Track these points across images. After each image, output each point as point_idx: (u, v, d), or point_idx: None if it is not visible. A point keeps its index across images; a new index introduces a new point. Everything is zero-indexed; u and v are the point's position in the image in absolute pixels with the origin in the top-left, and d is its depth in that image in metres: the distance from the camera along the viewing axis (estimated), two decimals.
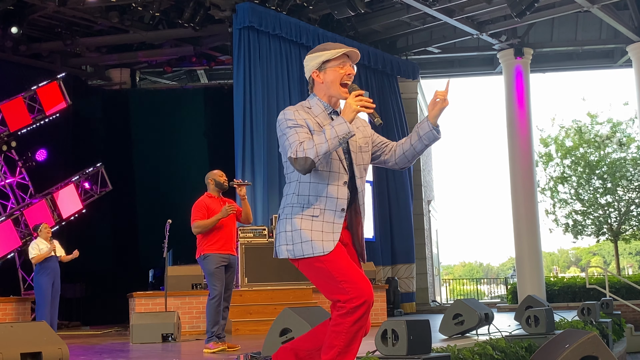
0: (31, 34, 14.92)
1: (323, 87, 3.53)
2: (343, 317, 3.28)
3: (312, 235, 3.35)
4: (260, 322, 9.74)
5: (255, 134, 12.56)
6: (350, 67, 3.52)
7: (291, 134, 3.35)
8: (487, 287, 33.64)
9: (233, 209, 7.00)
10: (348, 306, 3.26)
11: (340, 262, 3.32)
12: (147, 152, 16.21)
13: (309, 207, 3.38)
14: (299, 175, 3.40)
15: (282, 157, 3.52)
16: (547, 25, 16.77)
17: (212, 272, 6.95)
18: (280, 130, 3.43)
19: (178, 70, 18.40)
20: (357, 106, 3.32)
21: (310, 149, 3.24)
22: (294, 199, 3.42)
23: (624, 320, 12.06)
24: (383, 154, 3.66)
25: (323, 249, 3.33)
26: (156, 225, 10.36)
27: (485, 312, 7.68)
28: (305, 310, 5.38)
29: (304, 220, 3.37)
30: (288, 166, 3.47)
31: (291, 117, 3.41)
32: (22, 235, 13.38)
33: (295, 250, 3.39)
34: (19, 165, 14.11)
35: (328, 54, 3.51)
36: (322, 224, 3.36)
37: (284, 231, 3.44)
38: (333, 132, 3.26)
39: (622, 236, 20.66)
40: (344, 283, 3.28)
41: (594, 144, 20.73)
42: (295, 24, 13.51)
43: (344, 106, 3.36)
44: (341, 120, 3.29)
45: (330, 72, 3.50)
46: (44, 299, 10.12)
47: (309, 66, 3.57)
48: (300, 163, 3.26)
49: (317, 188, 3.39)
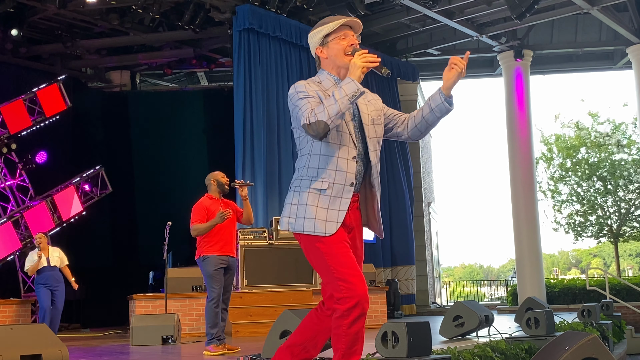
0: (31, 36, 14.93)
1: (329, 61, 3.54)
2: (340, 320, 3.28)
3: (317, 212, 3.33)
4: (260, 324, 9.74)
5: (255, 135, 12.56)
6: (352, 37, 3.52)
7: (303, 103, 3.35)
8: (487, 289, 33.64)
9: (229, 213, 6.98)
10: (342, 308, 3.26)
11: (338, 254, 3.30)
12: (147, 154, 16.21)
13: (318, 180, 3.37)
14: (311, 148, 3.41)
15: (294, 133, 3.53)
16: (547, 27, 16.78)
17: (210, 274, 6.95)
18: (292, 103, 3.43)
19: (178, 73, 18.41)
20: (362, 63, 3.31)
21: (322, 112, 3.24)
22: (304, 172, 3.42)
23: (624, 322, 12.05)
24: (395, 126, 3.65)
25: (325, 230, 3.32)
26: (156, 227, 10.37)
27: (485, 314, 7.68)
28: (305, 312, 5.37)
29: (311, 194, 3.36)
30: (301, 141, 3.48)
31: (302, 89, 3.41)
32: (22, 238, 13.37)
33: (297, 224, 3.38)
34: (19, 168, 14.10)
35: (327, 28, 3.51)
36: (329, 199, 3.34)
37: (290, 203, 3.44)
38: (342, 92, 3.26)
39: (622, 238, 20.67)
40: (338, 281, 3.27)
41: (594, 145, 20.74)
42: (295, 26, 13.52)
43: (350, 66, 3.34)
44: (348, 80, 3.29)
45: (332, 45, 3.51)
46: (44, 309, 10.19)
47: (312, 44, 3.59)
48: (314, 128, 3.25)
49: (327, 160, 3.37)
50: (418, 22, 15.36)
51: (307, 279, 10.83)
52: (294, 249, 10.84)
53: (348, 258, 3.32)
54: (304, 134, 3.42)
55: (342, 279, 3.27)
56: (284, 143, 13.04)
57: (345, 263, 3.30)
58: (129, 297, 10.86)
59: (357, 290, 3.25)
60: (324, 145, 3.38)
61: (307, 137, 3.41)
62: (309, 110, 3.29)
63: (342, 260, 3.30)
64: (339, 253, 3.31)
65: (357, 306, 3.24)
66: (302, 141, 3.47)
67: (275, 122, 12.95)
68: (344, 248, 3.33)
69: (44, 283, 10.24)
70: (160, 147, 16.20)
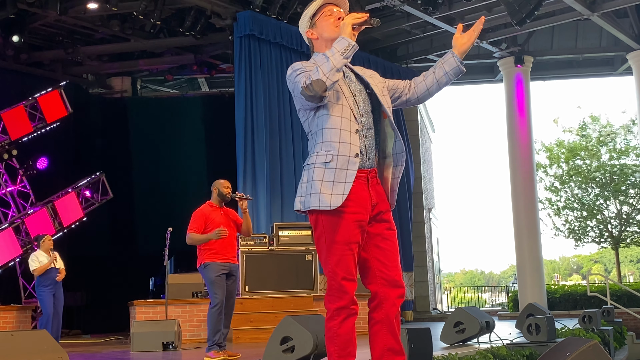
0: (32, 43, 14.96)
1: (320, 41, 3.54)
2: (330, 321, 3.31)
3: (322, 186, 3.30)
4: (260, 330, 9.73)
5: (257, 141, 12.56)
6: (339, 12, 3.52)
7: (300, 75, 3.35)
8: (488, 294, 33.62)
9: (225, 233, 7.00)
10: (332, 307, 3.29)
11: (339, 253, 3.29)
12: (148, 160, 16.22)
13: (323, 153, 3.34)
14: (316, 125, 3.38)
15: (300, 115, 3.51)
16: (547, 33, 16.80)
17: (212, 281, 6.96)
18: (291, 82, 3.41)
19: (179, 79, 18.44)
20: (350, 20, 3.33)
21: (315, 72, 3.24)
22: (312, 149, 3.41)
23: (625, 328, 12.05)
24: (403, 94, 3.65)
25: (330, 203, 3.28)
26: (157, 233, 10.37)
27: (486, 320, 7.67)
28: (306, 318, 5.37)
29: (317, 168, 3.34)
30: (310, 123, 3.45)
31: (299, 67, 3.40)
32: (23, 244, 13.38)
33: (305, 201, 3.36)
34: (20, 174, 14.12)
35: (312, 8, 3.54)
36: (334, 172, 3.30)
37: (302, 182, 3.42)
38: (333, 50, 3.27)
39: (623, 243, 20.67)
40: (331, 279, 3.30)
41: (591, 154, 20.79)
42: (296, 32, 13.52)
43: (340, 28, 3.37)
44: (339, 38, 3.30)
45: (320, 23, 3.52)
46: (46, 311, 10.18)
47: (301, 29, 3.60)
48: (310, 88, 3.23)
49: (331, 133, 3.35)
50: (418, 28, 15.38)
51: (308, 285, 10.82)
52: (295, 255, 10.84)
53: (348, 262, 3.30)
54: (311, 113, 3.41)
55: (336, 278, 3.29)
56: (286, 149, 13.04)
57: (343, 264, 3.29)
58: (129, 303, 10.85)
59: (347, 292, 3.27)
60: (325, 118, 3.36)
61: (314, 114, 3.39)
62: (305, 76, 3.29)
63: (341, 261, 3.29)
64: (341, 254, 3.30)
65: (345, 308, 3.27)
66: (310, 122, 3.44)
67: (277, 128, 12.95)
68: (348, 251, 3.31)
69: (48, 285, 10.25)
70: (161, 153, 16.21)
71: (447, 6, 13.91)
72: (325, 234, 3.32)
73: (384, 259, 3.40)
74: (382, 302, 3.38)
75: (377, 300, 3.40)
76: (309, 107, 3.40)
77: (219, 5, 12.88)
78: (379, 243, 3.42)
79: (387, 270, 3.39)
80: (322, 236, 3.35)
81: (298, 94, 3.36)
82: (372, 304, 3.42)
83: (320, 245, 3.37)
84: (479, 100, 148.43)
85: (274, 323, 7.38)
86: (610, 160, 20.78)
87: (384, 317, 3.38)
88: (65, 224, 14.12)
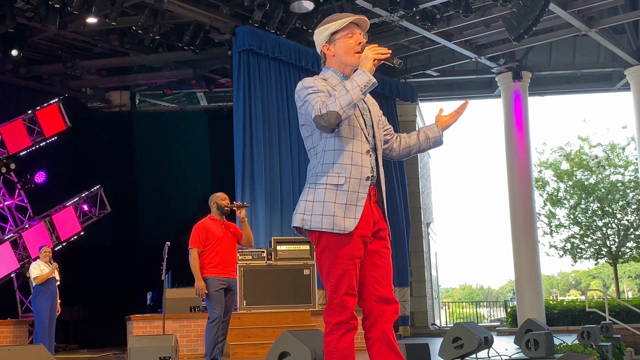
0: (31, 57, 14.99)
1: (335, 59, 3.51)
2: (329, 336, 3.29)
3: (335, 209, 3.29)
4: (258, 345, 9.69)
5: (255, 156, 12.56)
6: (360, 36, 3.51)
7: (313, 97, 3.32)
8: (486, 310, 33.56)
9: (203, 296, 7.01)
10: (332, 321, 3.28)
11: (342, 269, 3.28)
12: (146, 174, 16.20)
13: (334, 175, 3.32)
14: (325, 144, 3.36)
15: (303, 131, 3.47)
16: (545, 49, 16.86)
17: (211, 295, 6.95)
18: (301, 98, 3.38)
19: (178, 93, 18.45)
20: (373, 55, 3.31)
21: (333, 103, 3.21)
22: (319, 168, 3.37)
23: (624, 344, 12.01)
24: (392, 139, 3.68)
25: (344, 227, 3.28)
26: (155, 247, 10.34)
27: (485, 336, 7.64)
28: (304, 333, 5.35)
29: (328, 190, 3.31)
30: (314, 139, 3.42)
31: (311, 84, 3.37)
32: (21, 258, 13.35)
33: (313, 221, 3.32)
34: (18, 188, 14.11)
35: (335, 25, 3.49)
36: (346, 194, 3.30)
37: (305, 200, 3.38)
38: (353, 82, 3.24)
39: (621, 259, 20.66)
40: (333, 293, 3.29)
41: (588, 168, 20.82)
42: (294, 47, 13.58)
43: (360, 59, 3.34)
44: (360, 71, 3.28)
45: (339, 43, 3.48)
46: (42, 322, 10.16)
47: (318, 40, 3.55)
48: (325, 118, 3.21)
49: (342, 155, 3.33)
50: (417, 43, 15.43)
51: (306, 299, 10.79)
52: (293, 269, 10.81)
53: (351, 277, 3.30)
54: (316, 131, 3.39)
55: (338, 293, 3.28)
56: (284, 163, 13.05)
57: (345, 280, 3.29)
58: (126, 317, 10.81)
59: (348, 307, 3.27)
60: (337, 140, 3.34)
61: (320, 133, 3.37)
62: (319, 102, 3.26)
63: (344, 277, 3.29)
64: (344, 269, 3.29)
65: (345, 323, 3.27)
66: (314, 139, 3.41)
67: (276, 142, 12.96)
68: (352, 265, 3.30)
69: (47, 295, 10.29)
70: (160, 167, 16.20)
71: (445, 22, 13.96)
72: (329, 249, 3.32)
73: (380, 277, 3.41)
74: (378, 319, 3.38)
75: (372, 317, 3.39)
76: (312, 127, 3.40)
77: (218, 20, 12.92)
78: (376, 261, 3.42)
79: (381, 288, 3.39)
80: (325, 251, 3.34)
81: (307, 115, 3.34)
82: (367, 322, 3.41)
83: (322, 259, 3.36)
84: (477, 115, 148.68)
85: (271, 338, 7.36)
86: (609, 176, 20.80)
87: (382, 335, 3.37)
88: (62, 238, 14.10)
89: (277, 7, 12.73)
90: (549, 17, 13.63)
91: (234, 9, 12.90)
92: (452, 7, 12.86)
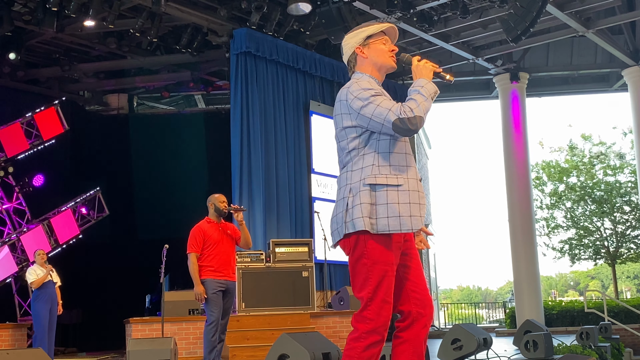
0: (29, 60, 14.97)
1: (368, 62, 3.51)
2: (355, 341, 3.23)
3: (400, 209, 3.25)
4: (257, 347, 9.68)
5: (253, 158, 12.57)
6: (392, 45, 3.54)
7: (381, 100, 3.32)
8: (485, 311, 33.57)
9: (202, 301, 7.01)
10: (361, 328, 3.22)
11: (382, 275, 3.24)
12: (144, 176, 16.18)
13: (393, 177, 3.30)
14: (377, 147, 3.33)
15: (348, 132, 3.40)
16: (542, 50, 16.87)
17: (209, 298, 6.94)
18: (361, 99, 3.33)
19: (175, 96, 18.45)
20: (431, 66, 3.38)
21: (417, 108, 3.23)
22: (374, 170, 3.31)
23: (622, 344, 12.01)
24: None
25: (411, 226, 3.26)
26: (153, 250, 10.33)
27: (483, 337, 7.64)
28: (303, 335, 5.35)
29: (390, 192, 3.28)
30: (361, 140, 3.36)
31: (369, 86, 3.38)
32: (19, 261, 13.34)
33: (380, 224, 3.25)
34: (16, 191, 14.10)
35: (370, 29, 3.52)
36: (408, 194, 3.29)
37: (367, 203, 3.27)
38: (426, 91, 3.29)
39: (620, 260, 20.67)
40: (370, 300, 3.23)
41: (585, 167, 20.84)
42: (292, 49, 13.59)
43: (416, 70, 3.39)
44: (425, 81, 3.32)
45: (374, 46, 3.50)
46: (42, 326, 10.16)
47: (350, 44, 3.55)
48: (413, 122, 3.20)
49: (398, 157, 3.34)
50: (414, 45, 15.44)
51: (304, 302, 10.78)
52: (291, 271, 10.81)
53: (387, 283, 3.27)
54: (366, 132, 3.35)
55: (374, 300, 3.23)
56: (282, 166, 13.05)
57: (383, 287, 3.25)
58: (125, 320, 10.79)
59: (383, 316, 3.23)
60: (392, 142, 3.34)
61: (371, 135, 3.35)
62: (396, 105, 3.27)
63: (382, 284, 3.25)
64: (383, 275, 3.26)
65: (376, 330, 3.22)
66: (362, 140, 3.36)
67: (273, 144, 12.96)
68: (389, 272, 3.28)
69: (45, 298, 10.29)
70: (158, 170, 16.18)
71: (442, 23, 13.97)
72: (368, 254, 3.26)
73: (415, 278, 3.40)
74: (415, 323, 3.36)
75: (409, 320, 3.37)
76: (369, 129, 3.34)
77: (215, 22, 12.93)
78: (407, 262, 3.42)
79: (419, 290, 3.38)
80: (363, 257, 3.28)
81: (377, 116, 3.29)
82: (402, 323, 3.38)
83: (359, 266, 3.30)
84: (474, 116, 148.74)
85: (270, 340, 7.35)
86: (605, 177, 20.83)
87: (414, 337, 3.35)
88: (61, 241, 14.09)
89: (275, 10, 12.74)
90: (546, 18, 13.64)
91: (231, 12, 12.91)
92: (450, 8, 12.87)
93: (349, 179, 3.36)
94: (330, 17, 12.28)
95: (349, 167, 3.39)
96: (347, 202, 3.31)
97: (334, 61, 14.41)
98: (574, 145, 21.52)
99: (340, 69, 14.50)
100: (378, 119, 3.28)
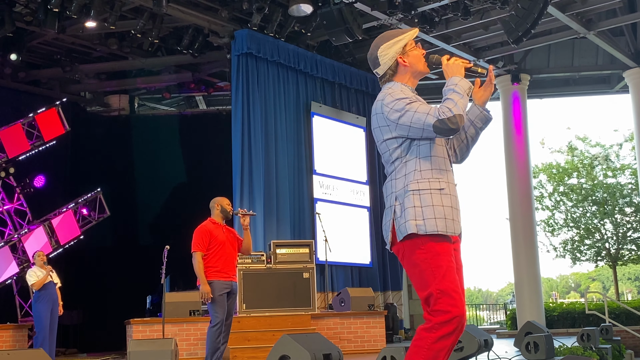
0: (30, 61, 14.98)
1: (407, 70, 3.52)
2: (428, 332, 3.17)
3: (445, 212, 3.29)
4: (258, 348, 9.68)
5: (254, 159, 12.57)
6: (422, 49, 3.57)
7: (417, 106, 3.32)
8: (486, 313, 33.49)
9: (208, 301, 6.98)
10: (434, 320, 3.17)
11: (444, 266, 3.23)
12: (145, 177, 16.19)
13: (435, 180, 3.33)
14: (418, 152, 3.35)
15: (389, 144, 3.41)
16: (543, 52, 16.86)
17: (215, 299, 6.93)
18: (397, 110, 3.33)
19: (177, 97, 18.45)
20: (461, 63, 3.40)
21: (455, 107, 3.24)
22: (417, 175, 3.33)
23: (623, 346, 11.99)
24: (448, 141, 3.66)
25: (454, 229, 3.31)
26: (154, 251, 10.33)
27: (484, 339, 7.64)
28: (304, 336, 5.35)
29: (434, 195, 3.30)
30: (403, 148, 3.37)
31: (402, 96, 3.37)
32: (20, 262, 13.34)
33: (428, 225, 3.25)
34: (17, 192, 14.09)
35: (407, 37, 3.54)
36: (449, 198, 3.33)
37: (412, 207, 3.28)
38: (460, 88, 3.30)
39: (621, 261, 20.65)
40: (439, 292, 3.19)
41: (585, 169, 20.83)
42: (293, 50, 13.59)
43: (447, 69, 3.41)
44: (458, 78, 3.34)
45: (412, 53, 3.52)
46: (43, 327, 10.17)
47: (389, 54, 3.51)
48: (453, 121, 3.20)
49: (438, 162, 3.37)
50: None
51: (305, 303, 10.78)
52: (292, 272, 10.81)
53: (453, 273, 3.26)
54: (407, 140, 3.37)
55: (444, 291, 3.19)
56: (283, 167, 13.05)
57: (449, 277, 3.23)
58: (126, 321, 10.79)
59: (457, 305, 3.18)
60: (431, 146, 3.37)
61: (411, 142, 3.36)
62: (433, 109, 3.28)
63: (447, 274, 3.23)
64: (447, 266, 3.25)
65: (451, 321, 3.16)
66: (404, 148, 3.38)
67: (274, 146, 12.96)
68: (451, 262, 3.28)
69: (46, 299, 10.31)
70: (159, 171, 16.19)
71: (444, 24, 13.97)
72: (427, 249, 3.26)
73: (460, 280, 3.36)
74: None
75: None
76: (410, 136, 3.36)
77: (216, 23, 12.93)
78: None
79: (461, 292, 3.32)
80: (421, 254, 3.26)
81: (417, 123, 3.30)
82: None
83: (419, 264, 3.27)
84: None
85: (271, 341, 7.35)
86: (605, 179, 20.81)
87: None
88: (62, 242, 14.09)
89: (276, 11, 12.75)
90: (548, 20, 13.64)
91: (232, 13, 12.91)
92: (451, 10, 12.86)
93: (394, 187, 3.39)
94: (332, 19, 12.29)
95: (393, 176, 3.42)
96: (395, 210, 3.35)
97: (335, 62, 14.41)
98: (573, 147, 21.52)
99: (341, 71, 14.49)
100: (417, 125, 3.30)
